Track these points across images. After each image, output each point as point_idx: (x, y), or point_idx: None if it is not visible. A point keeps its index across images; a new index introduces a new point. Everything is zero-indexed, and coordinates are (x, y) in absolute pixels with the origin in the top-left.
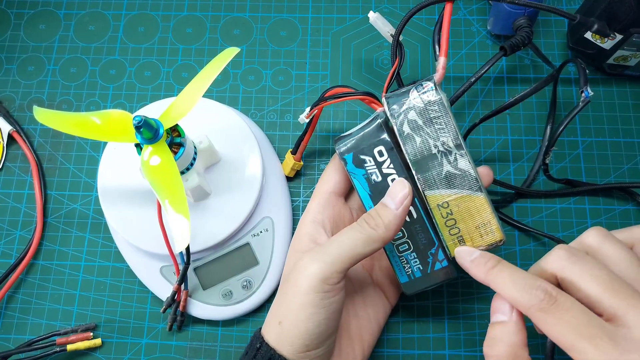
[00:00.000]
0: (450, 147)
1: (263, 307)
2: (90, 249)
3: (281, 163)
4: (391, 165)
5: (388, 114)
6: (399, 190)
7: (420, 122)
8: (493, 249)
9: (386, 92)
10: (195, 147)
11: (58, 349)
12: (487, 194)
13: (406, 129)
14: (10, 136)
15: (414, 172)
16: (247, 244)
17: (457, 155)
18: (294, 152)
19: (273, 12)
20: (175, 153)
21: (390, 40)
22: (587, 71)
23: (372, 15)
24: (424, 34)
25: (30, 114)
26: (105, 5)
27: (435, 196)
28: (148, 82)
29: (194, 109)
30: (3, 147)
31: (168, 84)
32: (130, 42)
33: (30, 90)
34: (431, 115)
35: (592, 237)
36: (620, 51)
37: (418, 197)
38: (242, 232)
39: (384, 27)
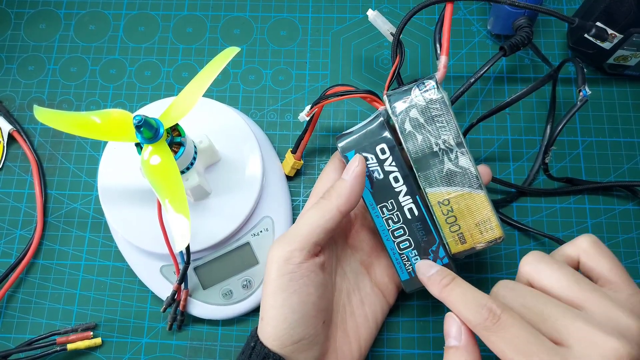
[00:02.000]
0: (452, 145)
1: None
2: (90, 249)
3: (281, 162)
4: (393, 163)
5: (389, 112)
6: (351, 163)
7: (421, 120)
8: (493, 245)
9: (387, 90)
10: (195, 147)
11: (58, 348)
12: (487, 192)
13: (407, 126)
14: (10, 136)
15: (415, 170)
16: (247, 243)
17: (458, 153)
18: (294, 151)
19: (273, 12)
20: (175, 152)
21: (390, 38)
22: (585, 70)
23: (370, 13)
24: (424, 33)
25: (31, 114)
26: (106, 4)
27: (436, 193)
28: (148, 82)
29: (194, 109)
30: (3, 146)
31: (168, 84)
32: (131, 41)
33: (31, 89)
34: (433, 114)
35: (526, 265)
36: (620, 51)
37: (419, 195)
38: (242, 231)
39: (384, 25)
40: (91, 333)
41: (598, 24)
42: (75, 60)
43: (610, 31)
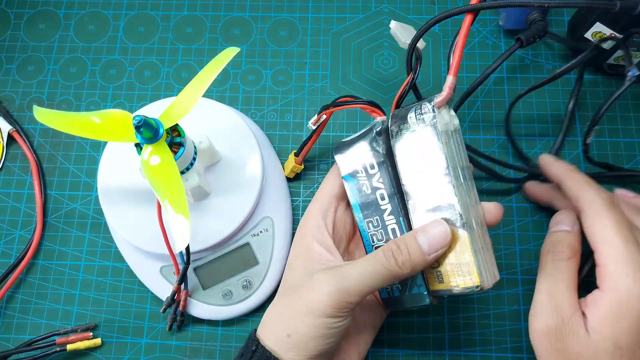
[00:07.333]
0: (440, 175)
1: (263, 307)
2: (90, 249)
3: (282, 163)
4: (380, 180)
5: (390, 132)
6: (439, 239)
7: (414, 144)
8: (469, 293)
9: (395, 108)
10: (195, 147)
11: (58, 349)
12: (479, 232)
13: (401, 149)
14: (10, 136)
15: (405, 196)
16: (247, 243)
17: (446, 185)
18: (297, 154)
19: (273, 12)
20: (175, 153)
21: (404, 46)
22: (630, 52)
23: (393, 24)
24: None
25: (30, 114)
26: (105, 5)
27: (420, 222)
28: (148, 82)
29: (194, 109)
30: (3, 146)
31: (168, 84)
32: (130, 42)
33: (30, 89)
34: (425, 139)
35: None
36: (620, 51)
37: (403, 217)
38: (242, 232)
39: (406, 35)
40: (91, 333)
41: (598, 23)
42: (75, 60)
43: (610, 31)
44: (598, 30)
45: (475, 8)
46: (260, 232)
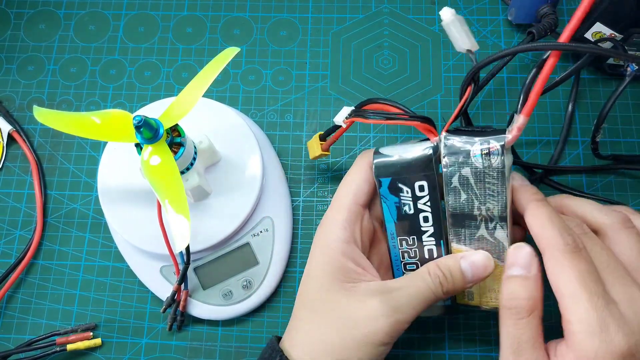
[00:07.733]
0: (494, 216)
1: (263, 307)
2: (90, 249)
3: (282, 163)
4: (428, 203)
5: (441, 158)
6: (482, 269)
7: (472, 181)
8: (495, 310)
9: (447, 129)
10: (195, 147)
11: (58, 349)
12: None
13: (455, 182)
14: (10, 136)
15: (448, 223)
16: (247, 243)
17: (498, 225)
18: (322, 138)
19: (273, 12)
20: (175, 153)
21: (462, 50)
22: (626, 49)
23: (446, 13)
24: (424, 33)
25: (30, 114)
26: (105, 5)
27: (461, 250)
28: (148, 82)
29: (194, 109)
30: (3, 147)
31: (168, 84)
32: (130, 42)
33: (30, 90)
34: (486, 180)
35: (614, 218)
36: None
37: (444, 240)
38: (242, 232)
39: (461, 32)
40: (91, 333)
41: (598, 23)
42: (75, 60)
43: (610, 31)
44: (598, 30)
45: (563, 48)
46: (260, 232)
